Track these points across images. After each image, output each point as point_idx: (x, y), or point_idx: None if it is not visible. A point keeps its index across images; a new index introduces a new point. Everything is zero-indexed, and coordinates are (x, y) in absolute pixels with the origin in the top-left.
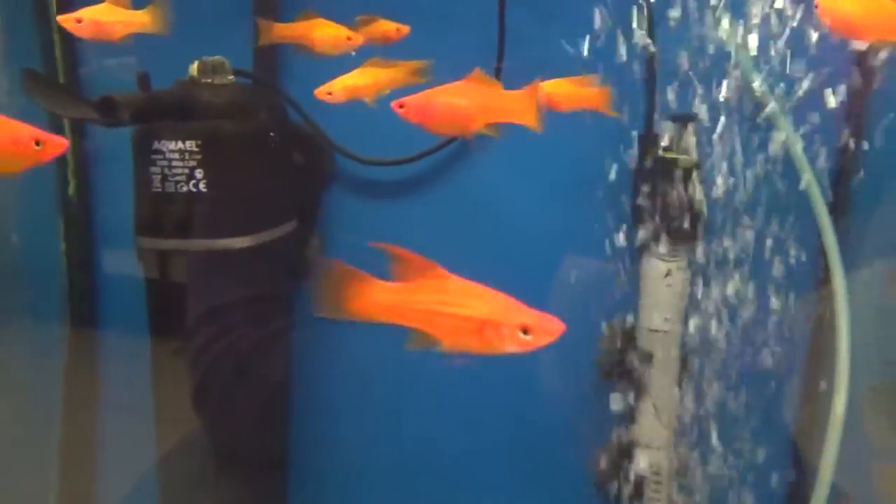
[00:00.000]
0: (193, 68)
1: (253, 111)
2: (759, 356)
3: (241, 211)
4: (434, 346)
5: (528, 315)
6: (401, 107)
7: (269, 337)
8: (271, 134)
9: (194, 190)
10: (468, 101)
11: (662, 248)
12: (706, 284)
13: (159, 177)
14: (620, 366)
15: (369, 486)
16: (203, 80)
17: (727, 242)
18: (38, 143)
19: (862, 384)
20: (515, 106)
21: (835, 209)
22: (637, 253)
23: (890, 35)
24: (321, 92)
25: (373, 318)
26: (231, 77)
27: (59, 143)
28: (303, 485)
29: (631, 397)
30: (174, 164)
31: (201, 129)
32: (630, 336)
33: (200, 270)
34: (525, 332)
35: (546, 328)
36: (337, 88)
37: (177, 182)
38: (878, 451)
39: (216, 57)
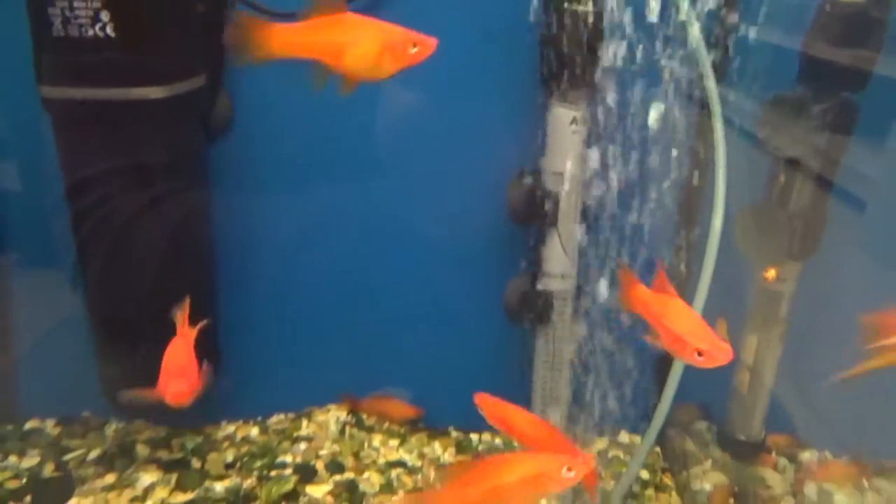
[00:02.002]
0: None
1: None
2: (647, 192)
3: (154, 59)
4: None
5: None
6: None
7: (151, 204)
8: None
9: (102, 35)
10: None
11: (567, 96)
12: (603, 135)
13: (60, 19)
14: (529, 206)
15: (290, 333)
16: None
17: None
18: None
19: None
20: None
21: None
22: (545, 105)
23: None
24: None
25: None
26: None
27: (430, 44)
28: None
29: (540, 234)
30: (75, 3)
31: None
32: (538, 179)
33: (111, 124)
34: None
35: None
36: None
37: (80, 25)
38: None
39: None
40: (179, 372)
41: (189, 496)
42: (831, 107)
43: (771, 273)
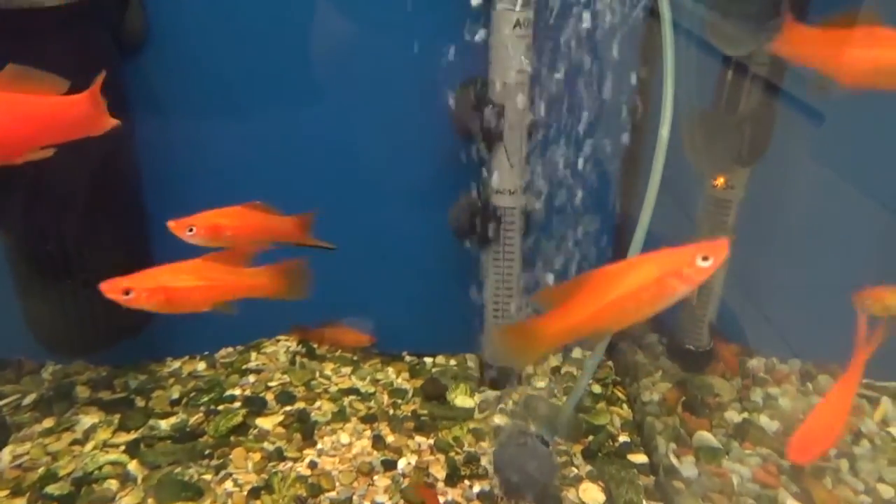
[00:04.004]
0: None
1: None
2: (593, 101)
3: None
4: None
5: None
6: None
7: None
8: None
9: None
10: None
11: None
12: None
13: None
14: (475, 122)
15: None
16: None
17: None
18: None
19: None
20: None
21: None
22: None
23: None
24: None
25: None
26: None
27: None
28: None
29: (487, 150)
30: None
31: None
32: (483, 93)
33: (3, 37)
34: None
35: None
36: (202, 225)
37: None
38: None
39: None
40: None
41: (132, 436)
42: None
43: (720, 180)
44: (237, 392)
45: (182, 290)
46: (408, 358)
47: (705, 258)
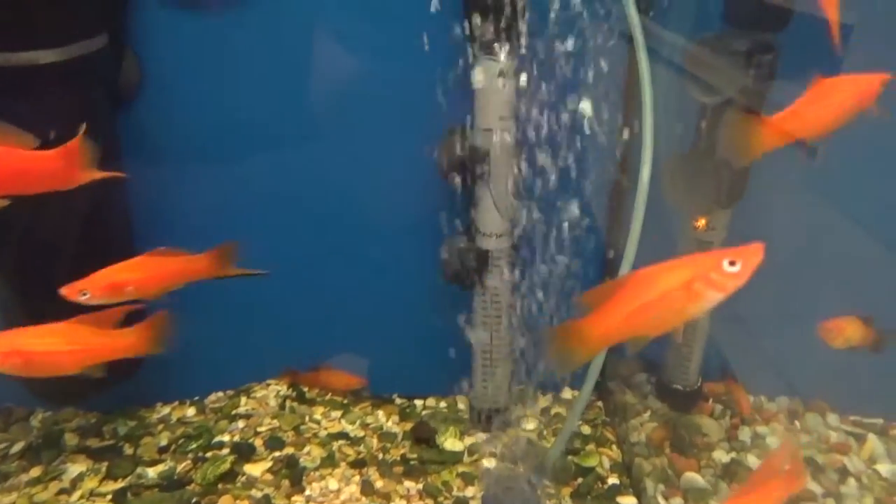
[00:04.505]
0: None
1: None
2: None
3: (45, 17)
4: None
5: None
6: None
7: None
8: None
9: None
10: None
11: (492, 49)
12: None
13: None
14: (460, 165)
15: (225, 308)
16: None
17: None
18: None
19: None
20: None
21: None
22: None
23: None
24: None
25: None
26: None
27: None
28: None
29: (473, 193)
30: None
31: None
32: (469, 139)
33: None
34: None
35: None
36: (97, 286)
37: None
38: (675, 210)
39: None
40: None
41: (120, 484)
42: (754, 48)
43: (701, 222)
44: (226, 438)
45: (41, 354)
46: (398, 400)
47: (732, 263)
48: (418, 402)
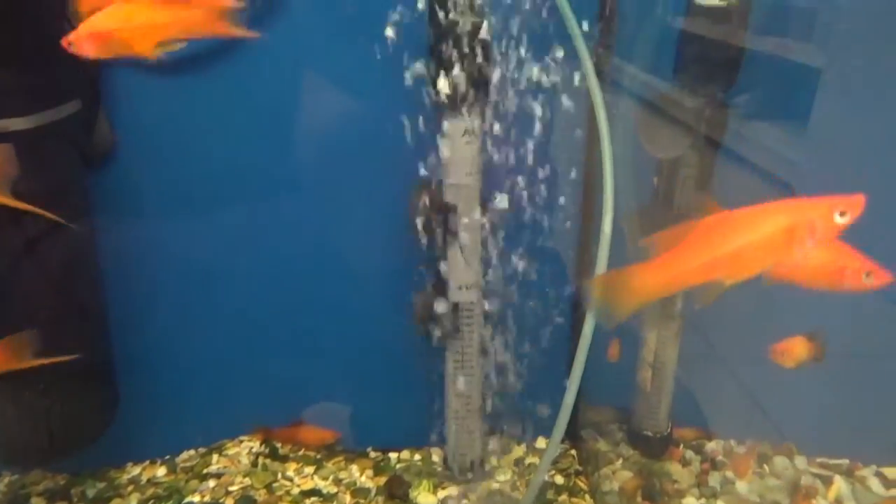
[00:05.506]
0: None
1: None
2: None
3: (15, 84)
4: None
5: None
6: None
7: (26, 249)
8: None
9: None
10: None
11: (458, 109)
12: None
13: None
14: (427, 220)
15: (194, 364)
16: None
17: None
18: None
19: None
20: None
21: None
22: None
23: None
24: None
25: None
26: None
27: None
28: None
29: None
30: None
31: None
32: (436, 193)
33: None
34: None
35: None
36: (83, 35)
37: None
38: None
39: None
40: None
41: None
42: (704, 104)
43: None
44: (196, 499)
45: None
46: (372, 454)
47: (843, 213)
48: (392, 455)
